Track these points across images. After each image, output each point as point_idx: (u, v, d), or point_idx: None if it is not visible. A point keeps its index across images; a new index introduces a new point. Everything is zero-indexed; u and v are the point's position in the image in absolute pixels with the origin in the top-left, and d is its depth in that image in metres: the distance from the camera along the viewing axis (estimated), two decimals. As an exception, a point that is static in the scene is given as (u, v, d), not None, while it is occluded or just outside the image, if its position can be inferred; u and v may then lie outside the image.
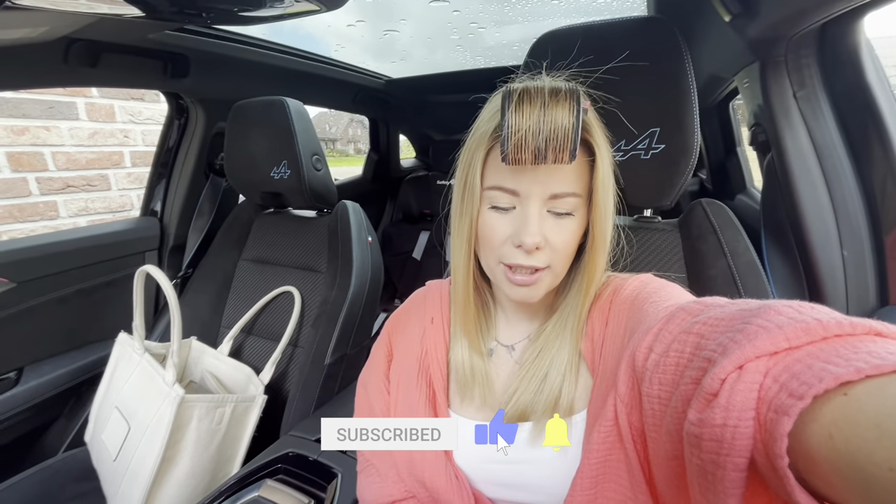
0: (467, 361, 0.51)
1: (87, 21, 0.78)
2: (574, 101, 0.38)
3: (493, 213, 0.45)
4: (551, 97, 0.38)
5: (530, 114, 0.38)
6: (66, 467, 1.00)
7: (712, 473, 0.25)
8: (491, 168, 0.45)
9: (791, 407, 0.21)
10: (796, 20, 0.60)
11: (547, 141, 0.38)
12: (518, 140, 0.38)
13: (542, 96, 0.38)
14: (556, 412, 0.46)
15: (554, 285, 0.47)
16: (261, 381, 0.99)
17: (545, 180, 0.42)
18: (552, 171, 0.42)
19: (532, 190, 0.42)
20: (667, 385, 0.32)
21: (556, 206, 0.43)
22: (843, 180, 0.69)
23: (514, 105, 0.38)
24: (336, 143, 18.39)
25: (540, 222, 0.43)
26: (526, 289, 0.45)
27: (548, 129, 0.38)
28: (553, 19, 1.39)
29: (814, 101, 0.70)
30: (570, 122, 0.37)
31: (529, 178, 0.42)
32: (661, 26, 0.60)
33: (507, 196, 0.44)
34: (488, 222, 0.45)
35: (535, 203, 0.43)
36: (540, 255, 0.43)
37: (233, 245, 1.30)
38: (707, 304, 0.34)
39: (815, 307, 0.27)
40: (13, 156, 1.54)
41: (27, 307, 1.07)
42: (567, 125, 0.37)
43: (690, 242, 0.69)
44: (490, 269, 0.48)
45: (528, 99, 0.38)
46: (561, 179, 0.42)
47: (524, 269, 0.44)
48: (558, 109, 0.38)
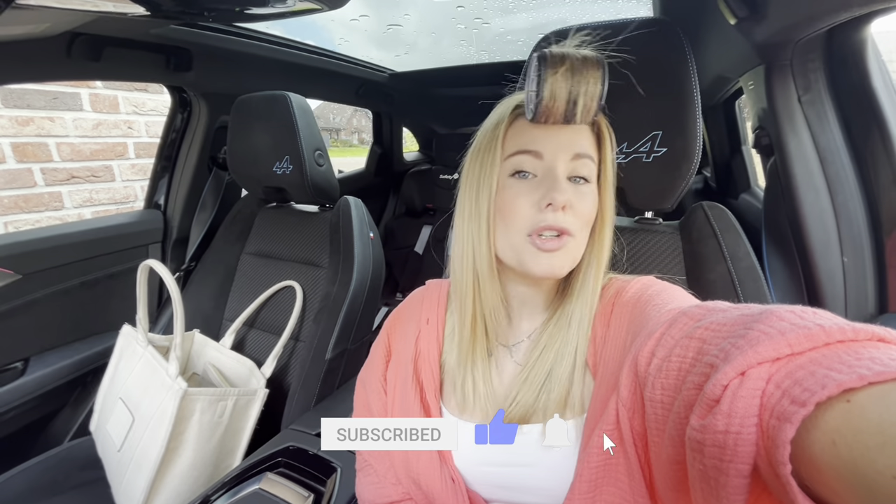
0: (466, 363, 0.50)
1: (90, 18, 0.78)
2: (602, 66, 0.42)
3: (515, 182, 0.46)
4: (582, 60, 0.42)
5: (564, 71, 0.41)
6: (71, 456, 1.02)
7: (715, 479, 0.25)
8: (511, 139, 0.47)
9: (794, 414, 0.21)
10: (803, 25, 0.59)
11: (578, 97, 0.41)
12: (552, 94, 0.41)
13: (575, 57, 0.41)
14: (556, 414, 0.45)
15: (575, 261, 0.46)
16: (262, 375, 1.00)
17: (568, 141, 0.45)
18: (574, 133, 0.45)
19: (557, 151, 0.45)
20: (669, 390, 0.32)
21: (577, 170, 0.45)
22: (846, 186, 0.69)
23: (548, 63, 0.41)
24: (340, 133, 18.30)
25: (568, 184, 0.44)
26: (553, 255, 0.44)
27: (579, 86, 0.41)
28: (559, 13, 1.38)
29: (818, 105, 0.70)
30: (598, 82, 0.41)
31: (553, 139, 0.45)
32: (666, 28, 0.59)
33: (531, 159, 0.45)
34: (512, 190, 0.45)
35: (559, 163, 0.45)
36: (567, 217, 0.44)
37: (235, 239, 1.30)
38: (709, 308, 0.34)
39: (818, 312, 0.26)
40: (18, 146, 1.55)
41: (32, 298, 1.08)
42: (596, 84, 0.41)
43: (691, 245, 0.69)
44: (512, 247, 0.46)
45: (561, 59, 0.41)
46: (582, 140, 0.45)
47: (551, 234, 0.44)
48: (588, 70, 0.41)
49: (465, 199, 0.49)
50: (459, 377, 0.51)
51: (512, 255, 0.46)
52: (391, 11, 1.37)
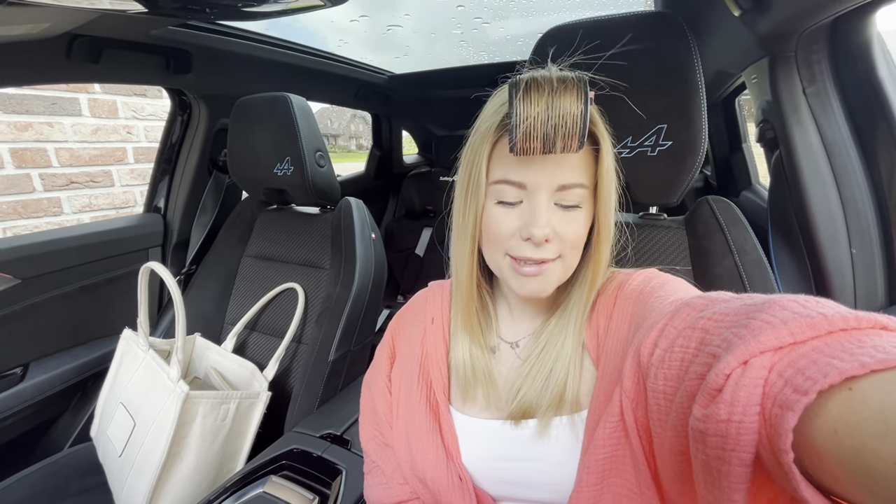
0: (468, 359, 0.51)
1: (89, 17, 0.78)
2: (582, 89, 0.37)
3: (500, 208, 0.44)
4: (559, 84, 0.37)
5: (538, 101, 0.37)
6: (71, 462, 1.01)
7: (717, 469, 0.25)
8: (496, 162, 0.44)
9: (796, 402, 0.21)
10: (808, 15, 0.59)
11: (556, 128, 0.37)
12: (527, 128, 0.38)
13: (551, 84, 0.37)
14: (561, 408, 0.45)
15: (565, 278, 0.46)
16: (265, 378, 1.00)
17: (552, 171, 0.42)
18: (559, 162, 0.42)
19: (540, 182, 0.42)
20: (672, 380, 0.32)
21: (563, 199, 0.43)
22: (853, 177, 0.68)
23: (521, 93, 0.38)
24: (338, 139, 18.34)
25: (549, 214, 0.42)
26: (535, 280, 0.44)
27: (556, 116, 0.37)
28: (558, 14, 1.38)
29: (824, 97, 0.69)
30: (579, 108, 0.37)
31: (537, 169, 0.42)
32: (670, 21, 0.59)
33: (514, 189, 0.43)
34: (495, 217, 0.44)
35: (542, 195, 0.42)
36: (549, 247, 0.43)
37: (236, 241, 1.30)
38: (712, 299, 0.34)
39: (821, 301, 0.26)
40: (17, 152, 1.55)
41: (32, 304, 1.07)
42: (576, 112, 0.37)
43: (696, 240, 0.68)
44: (496, 264, 0.47)
45: (536, 87, 0.38)
46: (568, 170, 0.42)
47: (532, 261, 0.43)
48: (567, 96, 0.37)
49: (457, 208, 0.49)
50: (466, 374, 0.51)
51: (498, 272, 0.48)
52: (390, 13, 1.37)
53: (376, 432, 0.57)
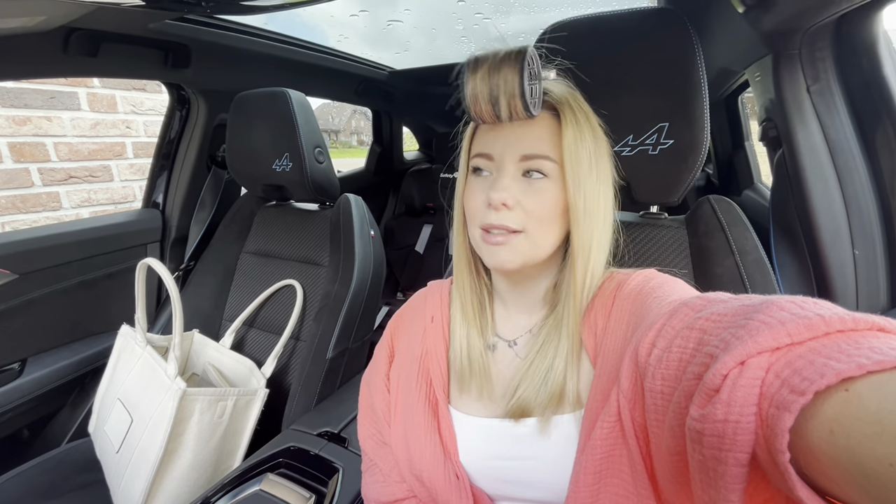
0: (466, 353, 0.51)
1: (86, 10, 0.77)
2: (519, 59, 0.41)
3: (473, 179, 0.48)
4: (498, 58, 0.42)
5: (481, 73, 0.42)
6: (69, 458, 1.01)
7: (714, 469, 0.25)
8: (476, 141, 0.49)
9: (792, 403, 0.21)
10: (813, 12, 0.58)
11: (497, 97, 0.42)
12: (473, 97, 0.43)
13: (492, 58, 0.42)
14: (559, 406, 0.45)
15: (534, 257, 0.46)
16: (262, 375, 0.99)
17: (516, 142, 0.45)
18: (524, 134, 0.45)
19: (505, 151, 0.46)
20: (669, 380, 0.32)
21: (528, 167, 0.45)
22: (857, 177, 0.67)
23: (469, 68, 0.43)
24: (339, 135, 18.30)
25: (511, 183, 0.45)
26: (503, 250, 0.45)
27: (494, 84, 0.42)
28: (560, 10, 1.37)
29: (828, 95, 0.68)
30: (516, 77, 0.41)
31: (503, 141, 0.46)
32: (673, 18, 0.58)
33: (485, 161, 0.47)
34: (470, 188, 0.48)
35: (508, 164, 0.45)
36: (511, 215, 0.44)
37: (235, 237, 1.29)
38: (710, 299, 0.34)
39: (818, 302, 0.26)
40: (15, 146, 1.54)
41: (29, 299, 1.07)
42: (513, 79, 0.41)
43: (697, 240, 0.68)
44: (475, 240, 0.49)
45: (480, 61, 0.43)
46: (532, 141, 0.45)
47: (498, 231, 0.45)
48: (505, 66, 0.41)
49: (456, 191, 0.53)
50: (463, 368, 0.51)
51: (477, 248, 0.49)
52: (391, 8, 1.35)
53: (374, 430, 0.57)
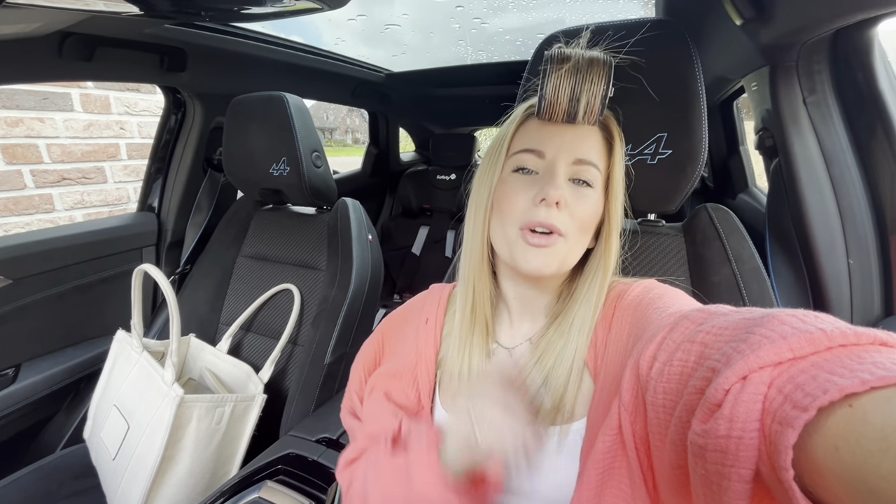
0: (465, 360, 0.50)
1: (82, 17, 0.76)
2: (608, 68, 0.43)
3: (517, 176, 0.47)
4: (588, 60, 0.43)
5: (569, 71, 0.43)
6: (64, 464, 1.00)
7: (717, 484, 0.25)
8: (520, 136, 0.48)
9: (796, 419, 0.21)
10: (811, 27, 0.58)
11: (580, 97, 0.43)
12: (554, 89, 0.43)
13: (580, 58, 0.43)
14: (556, 418, 0.45)
15: (565, 263, 0.46)
16: (260, 380, 0.99)
17: (571, 145, 0.45)
18: (576, 137, 0.46)
19: (559, 152, 0.45)
20: (671, 394, 0.31)
21: (578, 174, 0.46)
22: (852, 188, 0.68)
23: (555, 62, 0.43)
24: (334, 133, 18.22)
25: (564, 182, 0.45)
26: (542, 254, 0.44)
27: (582, 87, 0.43)
28: (559, 14, 1.37)
29: (824, 107, 0.69)
30: (602, 85, 0.42)
31: (558, 140, 0.46)
32: (671, 29, 0.59)
33: (534, 158, 0.46)
34: (511, 185, 0.47)
35: (560, 164, 0.45)
36: (560, 216, 0.44)
37: (231, 241, 1.28)
38: (711, 312, 0.33)
39: (820, 316, 0.26)
40: (7, 148, 1.52)
41: (23, 304, 1.06)
42: (599, 82, 0.42)
43: (695, 248, 0.68)
44: (506, 240, 0.46)
45: (567, 59, 0.43)
46: (586, 147, 0.46)
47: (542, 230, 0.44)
48: (594, 69, 0.43)
49: (472, 194, 0.51)
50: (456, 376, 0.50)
51: (505, 249, 0.47)
52: (388, 11, 1.35)
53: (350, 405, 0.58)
